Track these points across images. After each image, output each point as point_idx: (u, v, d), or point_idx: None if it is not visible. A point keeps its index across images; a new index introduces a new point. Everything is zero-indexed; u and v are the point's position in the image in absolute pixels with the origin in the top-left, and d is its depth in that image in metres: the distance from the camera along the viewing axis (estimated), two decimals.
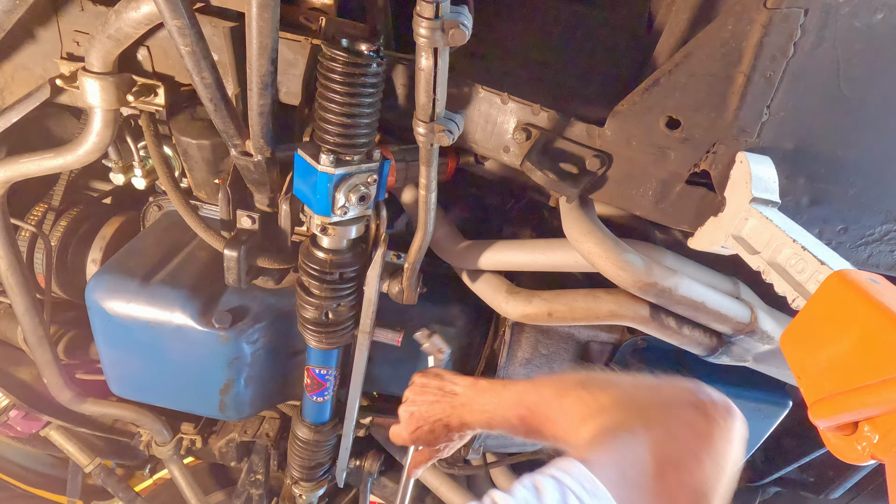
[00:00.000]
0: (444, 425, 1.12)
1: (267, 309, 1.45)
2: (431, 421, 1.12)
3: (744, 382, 1.53)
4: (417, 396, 1.15)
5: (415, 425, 1.14)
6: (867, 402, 0.59)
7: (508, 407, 1.02)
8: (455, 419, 1.10)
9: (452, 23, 0.84)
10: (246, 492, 2.11)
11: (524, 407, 0.98)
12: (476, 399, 1.09)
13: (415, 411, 1.14)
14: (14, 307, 1.48)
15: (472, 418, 1.08)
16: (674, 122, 1.03)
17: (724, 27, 0.93)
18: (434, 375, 1.18)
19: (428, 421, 1.12)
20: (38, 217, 1.67)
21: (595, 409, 0.82)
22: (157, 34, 1.12)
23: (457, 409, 1.10)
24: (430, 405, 1.13)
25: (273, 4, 0.86)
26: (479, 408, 1.07)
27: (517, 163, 1.14)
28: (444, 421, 1.11)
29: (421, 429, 1.13)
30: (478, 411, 1.07)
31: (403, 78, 1.12)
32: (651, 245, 1.28)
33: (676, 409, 0.74)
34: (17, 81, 1.22)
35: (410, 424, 1.14)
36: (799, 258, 0.80)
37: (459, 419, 1.10)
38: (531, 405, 0.97)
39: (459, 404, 1.10)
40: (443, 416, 1.11)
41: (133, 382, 1.56)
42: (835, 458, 0.65)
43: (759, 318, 1.25)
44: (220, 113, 1.00)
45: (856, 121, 0.98)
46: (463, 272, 1.47)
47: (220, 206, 1.28)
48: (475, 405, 1.08)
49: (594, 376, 0.92)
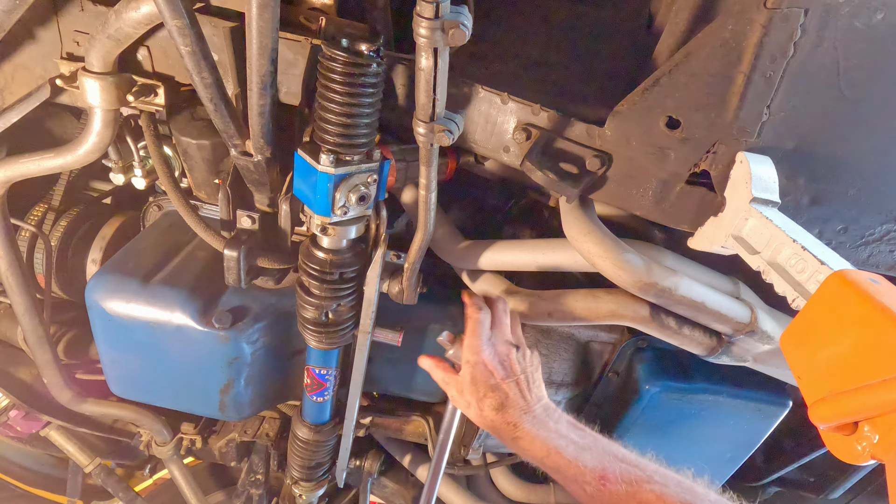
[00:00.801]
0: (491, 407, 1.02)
1: (267, 309, 1.45)
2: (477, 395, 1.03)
3: (744, 382, 1.53)
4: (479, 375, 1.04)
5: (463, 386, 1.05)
6: (867, 402, 0.59)
7: (581, 458, 0.91)
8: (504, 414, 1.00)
9: (452, 23, 0.84)
10: (246, 492, 2.11)
11: (611, 471, 0.87)
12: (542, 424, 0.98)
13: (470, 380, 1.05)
14: (14, 307, 1.48)
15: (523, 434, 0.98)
16: (674, 122, 1.03)
17: (724, 27, 0.93)
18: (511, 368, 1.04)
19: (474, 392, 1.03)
20: (38, 217, 1.67)
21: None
22: (157, 34, 1.12)
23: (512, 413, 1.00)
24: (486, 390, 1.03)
25: (273, 4, 0.86)
26: (541, 433, 0.97)
27: (517, 163, 1.14)
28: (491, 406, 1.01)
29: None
30: (538, 438, 0.96)
31: (403, 78, 1.12)
32: (651, 245, 1.28)
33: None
34: (17, 81, 1.22)
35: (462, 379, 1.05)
36: (799, 258, 0.80)
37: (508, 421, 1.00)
38: (624, 474, 0.87)
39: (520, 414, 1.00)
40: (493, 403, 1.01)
41: (133, 382, 1.56)
42: (835, 458, 0.65)
43: (759, 318, 1.25)
44: (220, 113, 1.00)
45: (856, 121, 0.98)
46: (463, 272, 1.47)
47: (220, 206, 1.28)
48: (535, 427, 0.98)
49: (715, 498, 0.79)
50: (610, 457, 0.90)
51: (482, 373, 1.05)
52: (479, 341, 1.07)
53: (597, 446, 0.93)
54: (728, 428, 1.57)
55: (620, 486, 0.84)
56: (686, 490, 0.81)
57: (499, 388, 1.03)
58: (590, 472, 0.88)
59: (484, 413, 1.03)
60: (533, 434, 0.97)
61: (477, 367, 1.05)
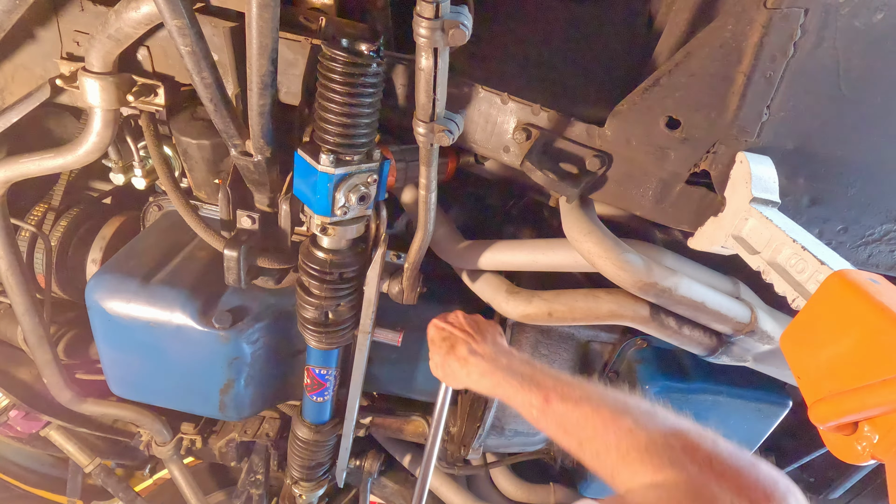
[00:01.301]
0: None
1: (267, 309, 1.45)
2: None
3: (744, 382, 1.53)
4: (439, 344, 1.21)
5: None
6: (867, 402, 0.59)
7: (530, 383, 1.01)
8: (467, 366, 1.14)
9: (452, 23, 0.84)
10: (246, 492, 2.11)
11: (555, 392, 0.96)
12: (498, 360, 1.11)
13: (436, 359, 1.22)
14: (14, 307, 1.48)
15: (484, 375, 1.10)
16: (674, 122, 1.03)
17: (724, 27, 0.93)
18: (461, 327, 1.21)
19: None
20: (38, 217, 1.67)
21: (666, 460, 0.75)
22: (157, 34, 1.12)
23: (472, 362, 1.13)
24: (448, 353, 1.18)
25: (273, 4, 0.86)
26: (492, 365, 1.09)
27: (517, 163, 1.14)
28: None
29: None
30: (489, 369, 1.09)
31: (403, 78, 1.12)
32: (651, 245, 1.28)
33: (737, 492, 0.67)
34: (17, 81, 1.22)
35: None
36: (799, 258, 0.80)
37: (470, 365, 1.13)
38: (565, 395, 0.95)
39: (477, 361, 1.13)
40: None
41: (133, 382, 1.56)
42: (835, 458, 0.65)
43: (759, 318, 1.25)
44: (220, 113, 1.00)
45: (856, 121, 0.98)
46: (463, 272, 1.47)
47: (220, 206, 1.28)
48: (494, 363, 1.10)
49: (662, 412, 0.85)
50: (554, 381, 0.99)
51: (434, 333, 1.24)
52: (433, 320, 1.28)
53: (544, 375, 1.02)
54: (728, 428, 1.56)
55: (561, 404, 0.93)
56: (620, 402, 0.89)
57: (449, 336, 1.20)
58: (535, 395, 0.97)
59: (445, 362, 1.18)
60: (483, 366, 1.10)
61: (430, 331, 1.25)
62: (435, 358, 1.23)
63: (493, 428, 1.70)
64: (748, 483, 0.68)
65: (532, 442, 1.83)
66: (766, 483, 0.68)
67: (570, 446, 0.91)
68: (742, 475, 0.69)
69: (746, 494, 0.67)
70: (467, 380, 1.14)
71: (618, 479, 0.81)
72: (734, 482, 0.68)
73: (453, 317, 1.27)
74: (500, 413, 1.65)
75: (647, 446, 0.78)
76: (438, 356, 1.21)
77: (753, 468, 0.71)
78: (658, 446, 0.78)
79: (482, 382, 1.10)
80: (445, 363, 1.19)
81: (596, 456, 0.86)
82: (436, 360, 1.23)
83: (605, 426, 0.86)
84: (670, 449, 0.76)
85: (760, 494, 0.67)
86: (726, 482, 0.68)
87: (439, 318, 1.27)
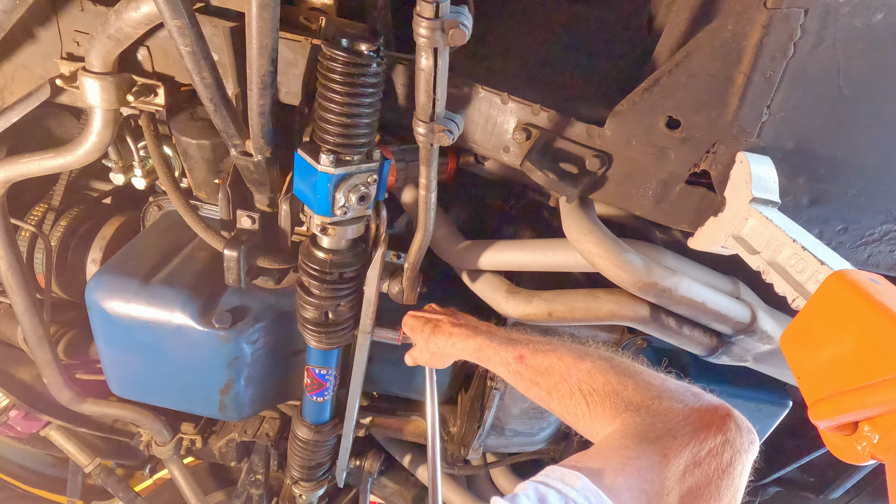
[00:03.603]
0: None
1: (267, 309, 1.45)
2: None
3: (744, 382, 1.53)
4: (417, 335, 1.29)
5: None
6: (867, 402, 0.59)
7: (506, 343, 1.08)
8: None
9: (452, 23, 0.84)
10: (246, 492, 2.11)
11: (527, 348, 1.02)
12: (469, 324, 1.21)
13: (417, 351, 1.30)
14: (14, 307, 1.48)
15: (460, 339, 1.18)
16: (674, 122, 1.03)
17: (724, 27, 0.93)
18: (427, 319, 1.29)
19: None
20: (38, 217, 1.67)
21: (621, 403, 0.81)
22: (157, 34, 1.12)
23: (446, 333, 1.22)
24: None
25: (273, 4, 0.86)
26: (473, 332, 1.16)
27: (517, 163, 1.14)
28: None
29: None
30: (471, 335, 1.16)
31: (403, 78, 1.12)
32: (651, 245, 1.28)
33: (705, 432, 0.72)
34: (17, 81, 1.22)
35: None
36: (799, 258, 0.80)
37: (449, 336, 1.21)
38: (536, 349, 1.01)
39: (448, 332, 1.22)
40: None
41: (133, 382, 1.56)
42: (835, 458, 0.65)
43: (759, 318, 1.25)
44: (220, 113, 1.00)
45: (856, 121, 0.98)
46: (463, 272, 1.47)
47: (220, 206, 1.28)
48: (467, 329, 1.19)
49: (618, 359, 0.91)
50: (527, 340, 1.06)
51: (414, 322, 1.30)
52: (406, 315, 1.35)
53: (519, 337, 1.10)
54: None
55: (533, 357, 1.00)
56: (581, 349, 0.97)
57: (429, 321, 1.27)
58: (511, 353, 1.05)
59: (429, 343, 1.24)
60: (466, 334, 1.17)
61: (408, 322, 1.32)
62: (419, 342, 1.28)
63: (493, 428, 1.70)
64: (689, 415, 0.75)
65: (532, 442, 1.83)
66: (707, 413, 0.75)
67: (541, 396, 0.98)
68: (686, 408, 0.77)
69: (690, 425, 0.74)
70: (452, 349, 1.20)
71: (582, 420, 0.88)
72: (676, 417, 0.75)
73: (428, 307, 1.35)
74: (500, 413, 1.65)
75: (604, 388, 0.85)
76: (422, 339, 1.26)
77: (696, 399, 0.78)
78: (614, 389, 0.84)
79: (466, 348, 1.16)
80: (430, 343, 1.24)
81: (561, 399, 0.91)
82: (419, 343, 1.28)
83: (569, 370, 0.92)
84: (624, 390, 0.83)
85: (703, 422, 0.74)
86: (670, 418, 0.76)
87: (414, 311, 1.34)
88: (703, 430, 0.72)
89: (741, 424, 0.74)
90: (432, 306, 1.35)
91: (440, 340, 1.22)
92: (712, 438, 0.72)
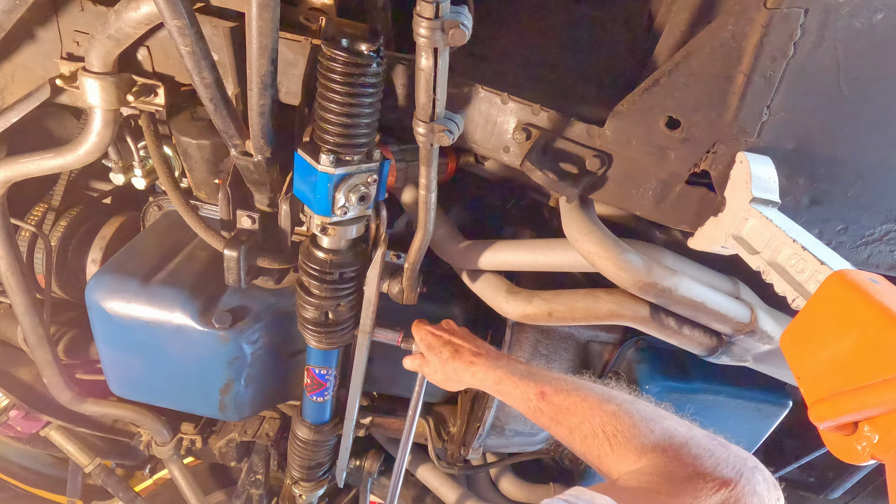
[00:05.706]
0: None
1: (267, 309, 1.45)
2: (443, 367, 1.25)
3: (744, 382, 1.53)
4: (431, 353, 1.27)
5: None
6: (867, 402, 0.59)
7: (527, 377, 1.08)
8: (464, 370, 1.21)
9: (452, 23, 0.84)
10: (246, 492, 2.11)
11: (550, 386, 1.02)
12: (492, 357, 1.20)
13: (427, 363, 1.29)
14: (14, 307, 1.48)
15: (482, 372, 1.17)
16: (674, 122, 1.03)
17: (724, 27, 0.93)
18: (446, 342, 1.27)
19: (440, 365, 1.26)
20: (38, 217, 1.67)
21: (647, 445, 0.81)
22: (157, 34, 1.12)
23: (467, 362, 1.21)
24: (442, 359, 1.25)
25: (273, 4, 0.86)
26: (494, 364, 1.16)
27: (517, 163, 1.14)
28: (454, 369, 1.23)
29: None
30: (492, 367, 1.15)
31: (403, 78, 1.12)
32: (651, 245, 1.28)
33: (736, 480, 0.72)
34: (17, 81, 1.22)
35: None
36: (799, 258, 0.80)
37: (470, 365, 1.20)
38: (559, 388, 1.01)
39: (470, 361, 1.20)
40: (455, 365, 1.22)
41: (133, 382, 1.56)
42: (835, 458, 0.65)
43: (759, 318, 1.25)
44: (220, 113, 1.00)
45: (856, 121, 0.98)
46: (463, 272, 1.47)
47: (220, 206, 1.28)
48: (489, 361, 1.18)
49: (643, 403, 0.91)
50: (549, 378, 1.06)
51: (432, 340, 1.29)
52: (421, 326, 1.35)
53: (539, 373, 1.10)
54: (728, 428, 1.55)
55: (555, 395, 1.00)
56: (606, 391, 0.97)
57: (449, 343, 1.26)
58: (532, 390, 1.04)
59: (446, 366, 1.24)
60: (487, 365, 1.17)
61: (426, 339, 1.30)
62: (433, 361, 1.27)
63: (493, 428, 1.70)
64: (718, 463, 0.75)
65: (532, 442, 1.83)
66: (736, 462, 0.75)
67: (563, 434, 0.98)
68: (714, 456, 0.76)
69: (720, 472, 0.73)
70: (471, 379, 1.19)
71: (605, 461, 0.87)
72: (706, 463, 0.75)
73: (446, 324, 1.34)
74: (500, 413, 1.65)
75: (630, 431, 0.85)
76: (438, 360, 1.26)
77: (724, 449, 0.78)
78: (640, 431, 0.84)
79: (486, 379, 1.16)
80: (447, 366, 1.23)
81: (584, 440, 0.92)
82: (434, 363, 1.27)
83: (592, 411, 0.92)
84: (650, 434, 0.83)
85: (730, 473, 0.73)
86: (699, 463, 0.75)
87: (432, 327, 1.33)
88: (733, 478, 0.72)
89: (768, 479, 0.74)
90: (450, 323, 1.34)
91: (459, 367, 1.21)
92: (740, 488, 0.71)
